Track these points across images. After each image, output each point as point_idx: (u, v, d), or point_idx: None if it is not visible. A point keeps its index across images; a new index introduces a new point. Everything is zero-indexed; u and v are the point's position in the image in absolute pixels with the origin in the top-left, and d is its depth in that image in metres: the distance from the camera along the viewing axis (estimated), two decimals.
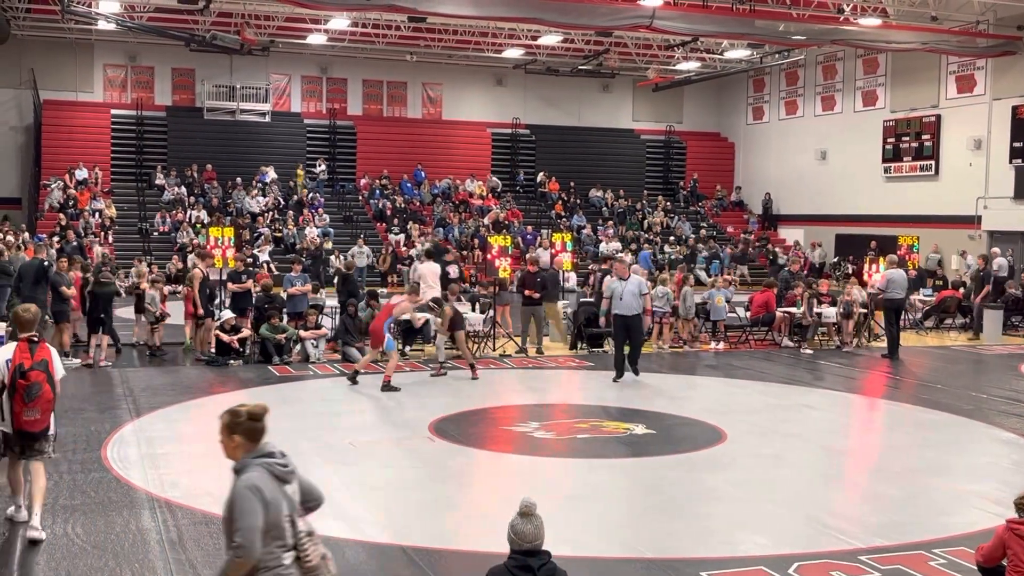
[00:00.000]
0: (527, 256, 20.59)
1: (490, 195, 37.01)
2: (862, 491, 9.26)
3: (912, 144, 32.68)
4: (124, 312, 19.13)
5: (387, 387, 13.48)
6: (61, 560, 6.84)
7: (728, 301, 19.41)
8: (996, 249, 25.32)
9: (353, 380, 13.82)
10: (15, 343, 7.54)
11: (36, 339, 7.50)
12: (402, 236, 33.03)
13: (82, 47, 34.04)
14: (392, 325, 14.71)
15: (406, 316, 15.28)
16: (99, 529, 7.49)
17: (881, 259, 20.94)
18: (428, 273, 19.12)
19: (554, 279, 18.65)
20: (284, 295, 17.38)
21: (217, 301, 17.37)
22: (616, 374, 14.59)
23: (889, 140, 33.54)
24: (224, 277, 17.79)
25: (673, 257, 32.92)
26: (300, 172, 35.31)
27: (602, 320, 17.78)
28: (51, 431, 7.58)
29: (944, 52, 29.48)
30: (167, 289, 17.48)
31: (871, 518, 8.17)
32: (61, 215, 30.04)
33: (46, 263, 15.94)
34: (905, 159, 32.95)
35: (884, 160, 33.71)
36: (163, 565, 6.77)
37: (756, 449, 10.62)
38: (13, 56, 32.68)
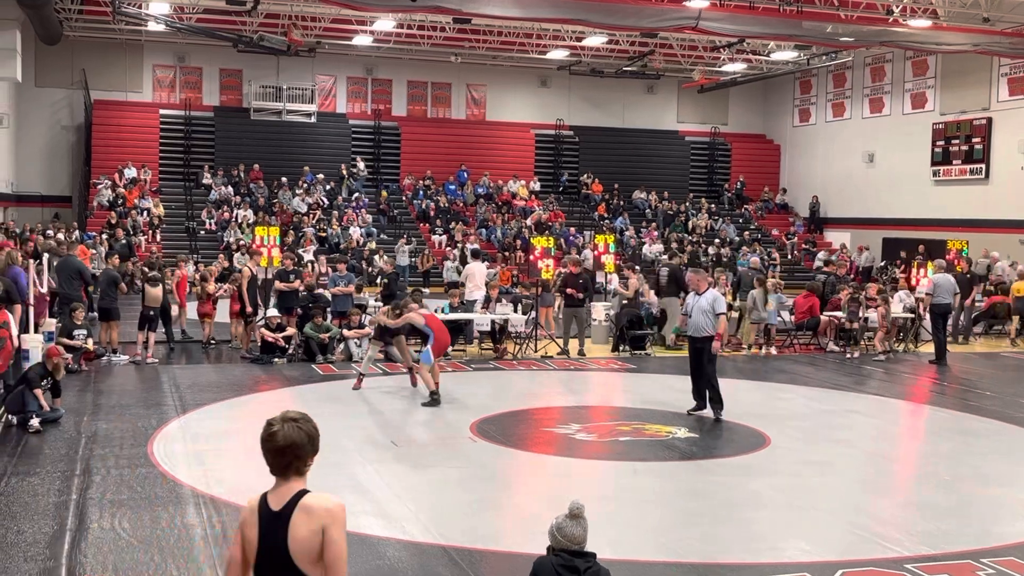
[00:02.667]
0: (568, 257, 20.54)
1: (532, 196, 37.03)
2: (909, 498, 9.13)
3: (962, 147, 32.22)
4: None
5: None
6: (108, 554, 6.92)
7: (777, 304, 19.25)
8: None
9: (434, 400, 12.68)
10: None
11: None
12: (444, 236, 33.16)
13: (132, 48, 34.53)
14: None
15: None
16: (145, 524, 7.58)
17: (929, 264, 20.65)
18: (477, 272, 19.16)
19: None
20: (328, 294, 17.50)
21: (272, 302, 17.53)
22: (694, 404, 12.43)
23: (938, 143, 33.09)
24: (271, 276, 17.95)
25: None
26: (346, 173, 35.58)
27: (671, 339, 17.81)
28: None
29: (996, 54, 29.00)
30: (213, 287, 17.69)
31: (918, 526, 8.05)
32: (111, 213, 30.52)
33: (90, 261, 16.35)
34: (955, 162, 32.49)
35: (933, 163, 33.27)
36: (207, 560, 6.84)
37: (800, 454, 10.51)
38: (65, 57, 33.24)
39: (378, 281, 20.59)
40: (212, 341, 17.32)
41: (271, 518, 3.49)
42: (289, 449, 3.49)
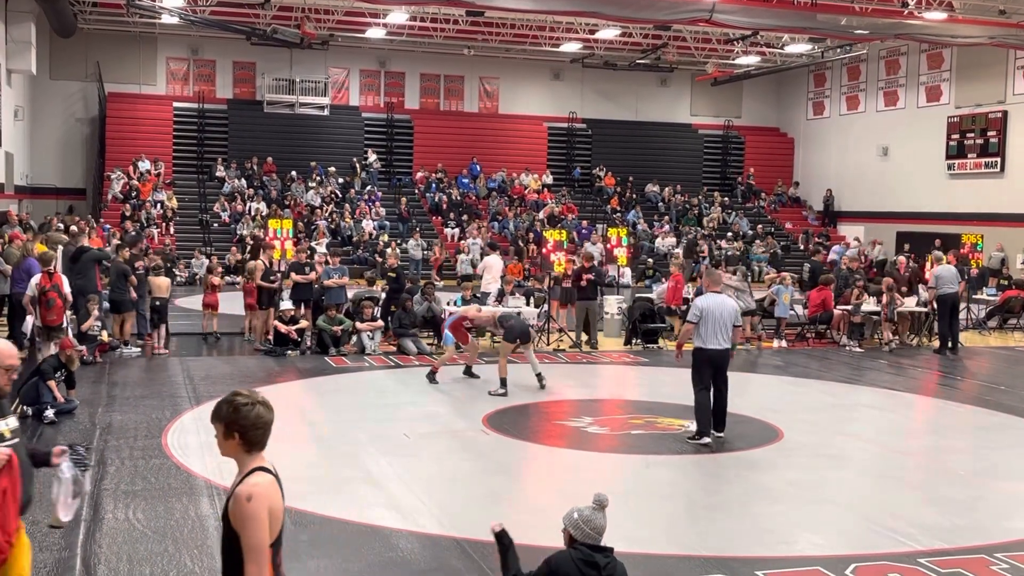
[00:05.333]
0: (580, 252, 20.50)
1: (545, 189, 36.98)
2: (922, 493, 9.10)
3: (977, 141, 32.04)
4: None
5: (432, 377, 13.71)
6: (122, 544, 6.97)
7: (790, 298, 19.20)
8: None
9: (471, 374, 14.10)
10: (39, 274, 13.12)
11: (51, 272, 13.14)
12: (457, 230, 33.17)
13: (146, 40, 34.60)
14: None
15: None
16: (159, 515, 7.62)
17: (929, 257, 20.61)
18: (494, 265, 19.17)
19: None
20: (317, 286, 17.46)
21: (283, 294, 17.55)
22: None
23: (953, 136, 32.93)
24: (285, 269, 17.98)
25: (730, 253, 32.63)
26: (358, 167, 35.62)
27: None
28: (64, 324, 13.11)
29: (1012, 47, 28.83)
30: (218, 280, 17.73)
31: (931, 520, 8.03)
32: (126, 205, 30.64)
33: (105, 250, 16.49)
34: (970, 156, 32.32)
35: (948, 157, 33.11)
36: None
37: (813, 448, 10.49)
38: (79, 49, 33.33)
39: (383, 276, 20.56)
40: (216, 335, 17.27)
41: (278, 484, 3.83)
42: (271, 423, 3.84)
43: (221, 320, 17.64)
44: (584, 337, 17.62)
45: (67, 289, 13.24)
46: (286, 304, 16.68)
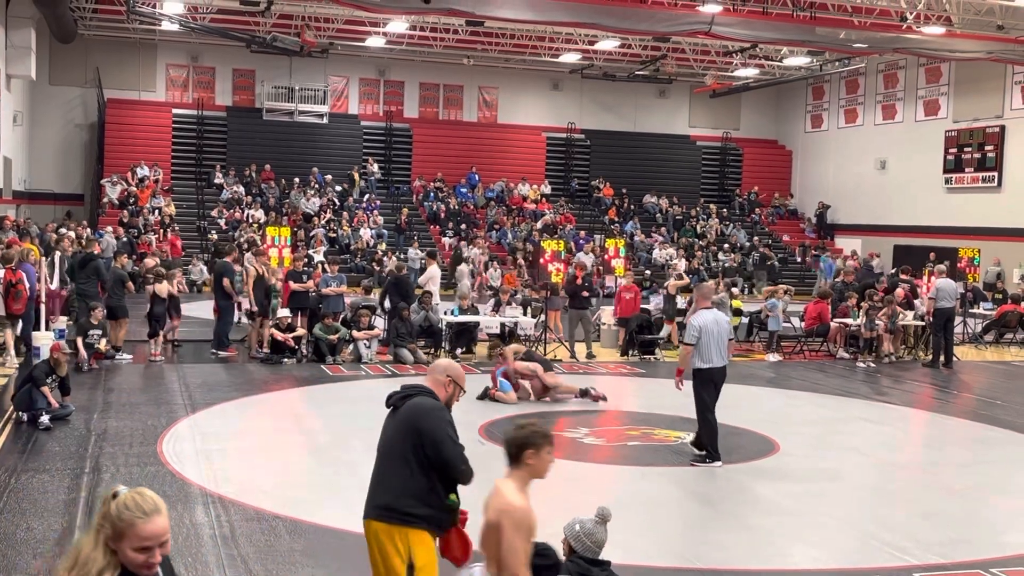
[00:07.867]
0: (574, 262, 20.48)
1: (543, 199, 37.01)
2: (918, 507, 9.09)
3: (975, 155, 32.13)
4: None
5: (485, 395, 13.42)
6: None
7: (784, 311, 19.19)
8: None
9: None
10: (3, 269, 14.30)
11: (15, 268, 14.25)
12: (455, 239, 33.17)
13: (146, 47, 34.64)
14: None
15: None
16: None
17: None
18: (432, 277, 19.40)
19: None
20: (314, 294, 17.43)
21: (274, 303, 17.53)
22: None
23: (951, 151, 33.01)
24: (283, 276, 17.95)
25: (727, 265, 32.69)
26: (357, 176, 35.64)
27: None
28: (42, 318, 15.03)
29: (1010, 62, 28.92)
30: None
31: (927, 535, 8.02)
32: (124, 211, 30.62)
33: (100, 254, 16.58)
34: (967, 170, 32.40)
35: (945, 171, 33.19)
36: (215, 560, 6.85)
37: (810, 461, 10.48)
38: (79, 55, 33.36)
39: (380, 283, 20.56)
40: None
41: None
42: None
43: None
44: (580, 347, 17.61)
45: (29, 284, 14.48)
46: (283, 312, 16.65)
